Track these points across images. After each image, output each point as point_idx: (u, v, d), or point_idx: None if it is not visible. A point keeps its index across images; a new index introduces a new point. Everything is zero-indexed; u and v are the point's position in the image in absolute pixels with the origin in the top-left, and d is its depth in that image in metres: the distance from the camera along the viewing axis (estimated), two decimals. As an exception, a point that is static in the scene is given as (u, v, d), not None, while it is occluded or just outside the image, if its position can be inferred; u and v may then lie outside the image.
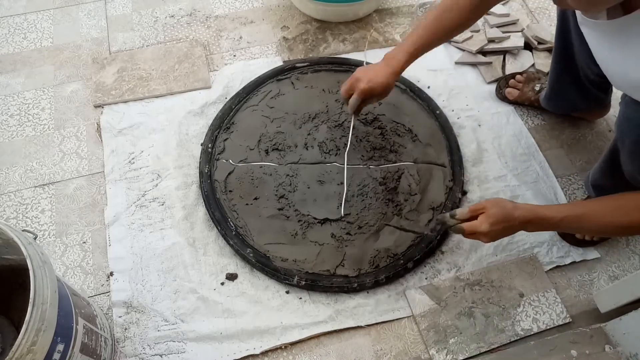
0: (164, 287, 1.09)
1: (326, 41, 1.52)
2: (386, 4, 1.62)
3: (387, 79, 1.07)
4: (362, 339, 1.05)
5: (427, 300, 1.09)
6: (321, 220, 1.16)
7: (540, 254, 1.16)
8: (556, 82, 1.24)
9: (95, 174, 1.26)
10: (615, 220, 0.87)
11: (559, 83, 1.23)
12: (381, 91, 1.09)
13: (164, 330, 1.04)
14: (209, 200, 1.18)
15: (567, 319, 1.08)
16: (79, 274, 1.12)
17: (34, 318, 0.68)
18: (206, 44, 1.50)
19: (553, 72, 1.23)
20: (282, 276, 1.09)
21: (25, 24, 1.55)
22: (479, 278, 1.12)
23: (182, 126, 1.32)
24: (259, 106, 1.34)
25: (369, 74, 1.08)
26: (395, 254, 1.13)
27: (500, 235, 0.93)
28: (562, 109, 1.36)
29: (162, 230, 1.16)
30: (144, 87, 1.39)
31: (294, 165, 1.24)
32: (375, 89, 1.08)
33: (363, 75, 1.09)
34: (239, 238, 1.13)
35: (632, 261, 1.16)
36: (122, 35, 1.52)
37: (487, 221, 0.91)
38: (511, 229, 0.92)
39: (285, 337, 1.04)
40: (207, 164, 1.23)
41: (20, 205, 1.20)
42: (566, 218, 0.90)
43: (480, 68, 1.48)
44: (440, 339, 1.04)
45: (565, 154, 1.33)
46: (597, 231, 0.95)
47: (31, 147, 1.29)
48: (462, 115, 1.38)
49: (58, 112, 1.36)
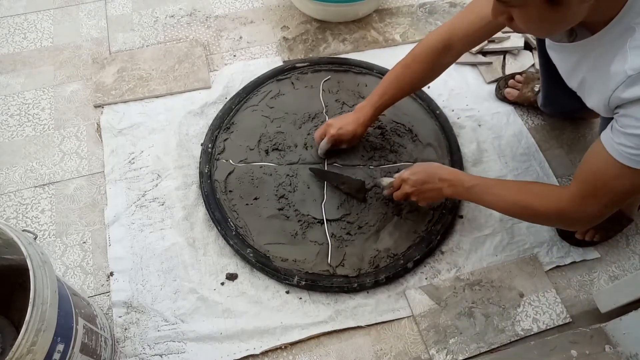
0: (164, 287, 1.09)
1: (326, 41, 1.52)
2: (386, 4, 1.62)
3: (354, 129, 1.18)
4: (362, 339, 1.05)
5: (427, 300, 1.09)
6: (321, 220, 1.16)
7: (540, 254, 1.16)
8: (548, 90, 1.24)
9: (95, 174, 1.26)
10: (518, 199, 0.94)
11: (551, 91, 1.24)
12: (349, 138, 1.19)
13: (164, 330, 1.04)
14: (209, 201, 1.18)
15: (567, 319, 1.08)
16: (79, 274, 1.12)
17: (34, 318, 0.68)
18: (206, 44, 1.50)
19: (543, 81, 1.23)
20: (282, 276, 1.09)
21: (25, 24, 1.55)
22: (479, 278, 1.12)
23: (182, 126, 1.32)
24: (259, 106, 1.34)
25: (340, 123, 1.19)
26: (395, 254, 1.13)
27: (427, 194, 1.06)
28: (560, 113, 1.36)
29: (162, 230, 1.16)
30: (144, 87, 1.39)
31: (294, 165, 1.24)
32: (343, 136, 1.19)
33: (335, 122, 1.19)
34: (239, 238, 1.13)
35: (632, 261, 1.16)
36: (122, 35, 1.52)
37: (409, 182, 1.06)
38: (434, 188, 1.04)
39: (285, 337, 1.04)
40: (207, 164, 1.23)
41: (20, 205, 1.20)
42: (477, 185, 0.99)
43: (480, 68, 1.48)
44: (440, 339, 1.04)
45: (565, 154, 1.33)
46: (501, 206, 0.98)
47: (31, 147, 1.29)
48: (462, 115, 1.38)
49: (58, 112, 1.36)
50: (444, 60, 1.08)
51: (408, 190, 1.07)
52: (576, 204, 0.85)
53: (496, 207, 0.99)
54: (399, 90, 1.14)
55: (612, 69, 0.73)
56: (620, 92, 0.73)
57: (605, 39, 0.75)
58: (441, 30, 1.06)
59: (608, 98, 0.76)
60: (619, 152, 0.76)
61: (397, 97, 1.16)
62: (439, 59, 1.07)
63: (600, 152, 0.79)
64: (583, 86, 0.86)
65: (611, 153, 0.77)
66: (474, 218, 1.20)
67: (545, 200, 0.91)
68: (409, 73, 1.11)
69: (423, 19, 1.59)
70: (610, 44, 0.74)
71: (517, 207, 0.95)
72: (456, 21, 1.03)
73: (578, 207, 0.85)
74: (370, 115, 1.17)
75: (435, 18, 1.59)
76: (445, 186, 1.03)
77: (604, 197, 0.82)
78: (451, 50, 1.05)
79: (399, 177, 1.10)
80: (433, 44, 1.06)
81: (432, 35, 1.06)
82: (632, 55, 0.70)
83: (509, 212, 0.99)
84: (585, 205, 0.84)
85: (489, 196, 0.98)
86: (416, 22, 1.58)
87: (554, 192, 0.92)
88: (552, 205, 0.89)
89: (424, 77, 1.12)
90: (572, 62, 0.85)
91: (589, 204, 0.84)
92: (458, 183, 1.02)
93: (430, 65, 1.08)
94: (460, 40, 1.03)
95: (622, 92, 0.72)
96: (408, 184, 1.07)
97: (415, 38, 1.53)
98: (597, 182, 0.82)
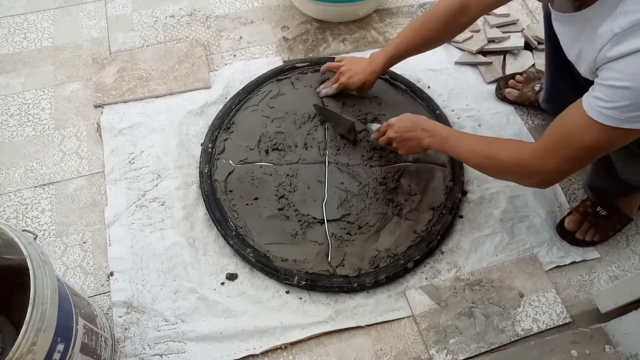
0: (164, 287, 1.09)
1: (326, 41, 1.52)
2: (386, 4, 1.62)
3: (365, 77, 1.24)
4: (362, 339, 1.05)
5: (427, 300, 1.09)
6: (321, 220, 1.16)
7: (540, 254, 1.16)
8: (552, 83, 1.24)
9: (95, 174, 1.26)
10: (483, 149, 0.97)
11: (554, 84, 1.23)
12: (359, 87, 1.26)
13: (164, 330, 1.04)
14: (209, 200, 1.18)
15: (567, 319, 1.08)
16: (79, 274, 1.12)
17: (34, 318, 0.68)
18: (206, 44, 1.50)
19: (547, 73, 1.23)
20: (282, 276, 1.09)
21: (25, 24, 1.55)
22: (479, 278, 1.12)
23: (182, 126, 1.32)
24: (259, 106, 1.34)
25: (353, 70, 1.26)
26: (395, 254, 1.13)
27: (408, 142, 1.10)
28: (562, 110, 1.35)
29: (162, 230, 1.16)
30: (144, 87, 1.39)
31: (294, 165, 1.24)
32: (352, 85, 1.26)
33: (347, 69, 1.27)
34: (239, 238, 1.13)
35: (632, 261, 1.16)
36: (122, 35, 1.52)
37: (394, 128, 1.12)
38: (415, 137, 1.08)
39: (285, 337, 1.04)
40: (207, 164, 1.23)
41: (20, 205, 1.20)
42: (452, 137, 1.03)
43: (480, 68, 1.48)
44: (440, 339, 1.04)
45: (565, 154, 1.33)
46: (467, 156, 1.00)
47: (31, 147, 1.29)
48: (462, 115, 1.38)
49: (58, 112, 1.36)
50: (460, 21, 1.11)
51: (392, 135, 1.12)
52: (536, 155, 0.86)
53: (464, 157, 1.02)
54: (413, 45, 1.18)
55: (600, 31, 0.73)
56: (606, 51, 0.72)
57: (603, 6, 0.75)
58: None
59: (594, 59, 0.75)
60: (591, 105, 0.75)
61: (411, 51, 1.20)
62: (455, 19, 1.10)
63: (575, 108, 0.80)
64: (580, 56, 0.85)
65: (584, 108, 0.77)
66: (474, 218, 1.20)
67: (507, 150, 0.92)
68: (424, 29, 1.15)
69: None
70: (608, 10, 0.74)
71: (480, 157, 0.97)
72: None
73: (537, 160, 0.86)
74: (382, 64, 1.21)
75: (435, 18, 1.59)
76: (426, 136, 1.07)
77: (565, 151, 0.82)
78: (467, 12, 1.08)
79: (387, 123, 1.15)
80: (450, 4, 1.09)
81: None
82: (620, 17, 0.70)
83: (473, 162, 1.00)
84: (545, 157, 0.85)
85: (461, 146, 1.01)
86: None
87: (517, 144, 0.94)
88: (513, 155, 0.90)
89: (439, 35, 1.16)
90: (573, 32, 0.85)
91: (548, 156, 0.84)
92: (437, 134, 1.06)
93: (445, 24, 1.12)
94: (476, 2, 1.06)
95: (608, 50, 0.72)
96: (393, 129, 1.12)
97: (415, 38, 1.53)
98: (562, 134, 0.82)
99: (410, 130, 1.09)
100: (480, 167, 1.00)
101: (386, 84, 1.40)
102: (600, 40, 0.73)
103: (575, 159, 0.83)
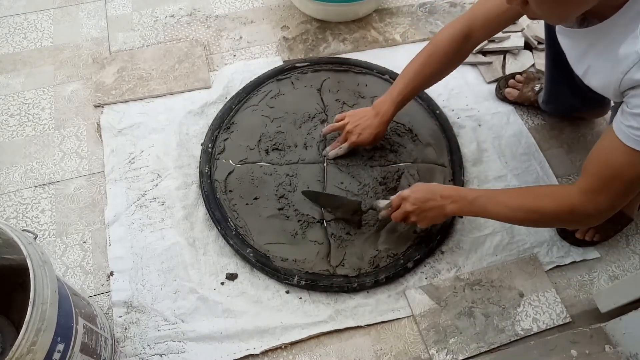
0: (164, 287, 1.09)
1: (326, 41, 1.52)
2: (386, 4, 1.62)
3: (377, 130, 1.17)
4: (362, 339, 1.05)
5: (427, 300, 1.09)
6: (321, 220, 1.16)
7: (540, 254, 1.16)
8: (552, 86, 1.24)
9: (95, 173, 1.26)
10: (523, 203, 0.91)
11: (554, 87, 1.23)
12: (371, 141, 1.19)
13: (164, 330, 1.04)
14: (209, 200, 1.18)
15: (567, 319, 1.08)
16: (79, 273, 1.12)
17: (34, 318, 0.68)
18: (206, 44, 1.50)
19: (547, 76, 1.23)
20: (282, 276, 1.09)
21: (25, 23, 1.55)
22: (479, 278, 1.12)
23: (182, 126, 1.32)
24: (259, 106, 1.34)
25: (360, 125, 1.18)
26: (395, 254, 1.13)
27: (428, 213, 1.01)
28: (561, 112, 1.36)
29: (162, 230, 1.16)
30: (144, 87, 1.39)
31: (294, 165, 1.24)
32: (364, 142, 1.19)
33: (354, 126, 1.18)
34: (239, 238, 1.13)
35: (632, 261, 1.16)
36: (122, 35, 1.52)
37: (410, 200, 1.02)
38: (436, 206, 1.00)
39: (285, 337, 1.04)
40: (207, 163, 1.23)
41: (20, 205, 1.20)
42: (480, 197, 0.97)
43: (480, 68, 1.48)
44: (440, 338, 1.04)
45: (565, 153, 1.33)
46: (506, 214, 0.95)
47: (31, 147, 1.29)
48: (462, 115, 1.38)
49: (58, 112, 1.36)
50: (464, 49, 1.08)
51: (409, 208, 1.02)
52: (587, 198, 0.83)
53: (502, 216, 0.96)
54: (420, 84, 1.13)
55: (622, 52, 0.73)
56: (633, 74, 0.72)
57: (616, 24, 0.74)
58: (460, 19, 1.06)
59: (619, 81, 0.74)
60: (627, 135, 0.74)
61: (417, 91, 1.16)
62: (460, 48, 1.07)
63: (610, 139, 0.77)
64: (589, 72, 0.85)
65: (620, 137, 0.75)
66: (474, 218, 1.20)
67: (552, 199, 0.88)
68: (429, 66, 1.10)
69: (423, 18, 1.59)
70: (622, 28, 0.73)
71: (522, 212, 0.92)
72: (475, 9, 1.04)
73: (589, 203, 0.83)
74: (391, 112, 1.15)
75: (435, 18, 1.59)
76: (448, 203, 0.99)
77: (616, 187, 0.80)
78: (471, 39, 1.06)
79: (399, 196, 1.05)
80: (453, 34, 1.05)
81: (451, 26, 1.07)
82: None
83: (515, 219, 0.96)
84: (596, 198, 0.82)
85: (493, 206, 0.95)
86: (416, 22, 1.58)
87: (558, 191, 0.90)
88: (561, 204, 0.86)
89: (445, 68, 1.11)
90: (582, 48, 0.85)
91: (600, 196, 0.81)
92: (460, 198, 0.99)
93: (450, 56, 1.08)
94: (479, 28, 1.04)
95: (635, 73, 0.71)
96: (409, 201, 1.02)
97: (416, 38, 1.53)
98: (607, 172, 0.79)
99: (429, 199, 1.01)
100: (524, 222, 0.97)
101: (386, 83, 1.40)
102: (626, 62, 0.72)
103: (627, 191, 0.81)
